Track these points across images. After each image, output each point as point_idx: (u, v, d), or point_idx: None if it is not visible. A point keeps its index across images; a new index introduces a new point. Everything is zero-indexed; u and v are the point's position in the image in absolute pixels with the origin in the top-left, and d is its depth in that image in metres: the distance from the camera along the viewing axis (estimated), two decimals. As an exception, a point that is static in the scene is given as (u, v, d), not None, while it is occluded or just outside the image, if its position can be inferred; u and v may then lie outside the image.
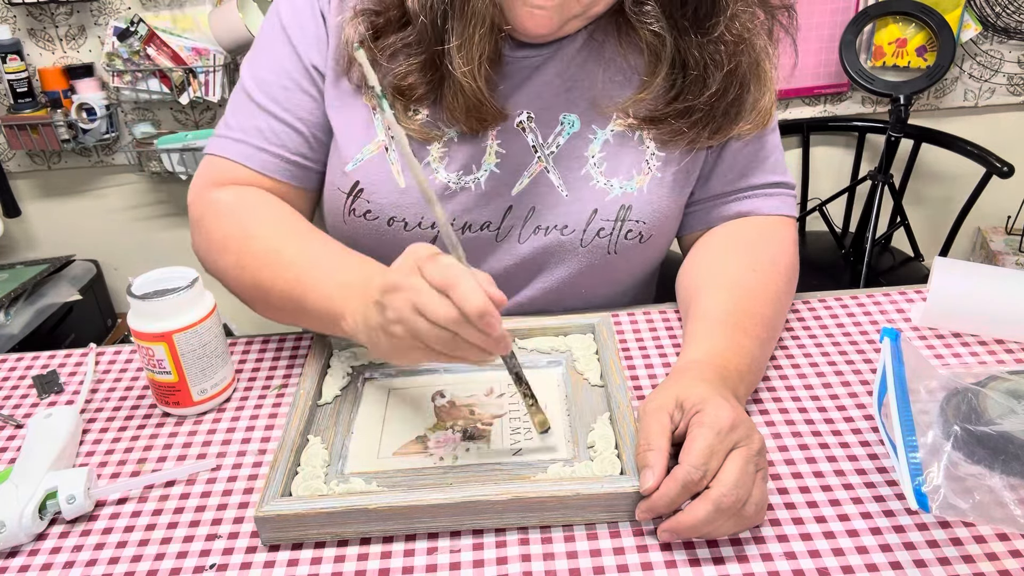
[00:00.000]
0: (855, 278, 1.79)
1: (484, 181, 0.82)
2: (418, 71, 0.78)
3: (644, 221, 0.83)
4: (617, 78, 0.82)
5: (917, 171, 1.98)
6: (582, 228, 0.82)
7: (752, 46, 0.79)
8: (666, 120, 0.81)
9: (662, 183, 0.83)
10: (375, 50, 0.78)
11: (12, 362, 0.86)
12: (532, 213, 0.83)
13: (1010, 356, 0.78)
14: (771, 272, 0.79)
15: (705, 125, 0.81)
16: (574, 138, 0.82)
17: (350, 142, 0.82)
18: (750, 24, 0.78)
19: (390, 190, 0.81)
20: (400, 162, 0.81)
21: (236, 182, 0.83)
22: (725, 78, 0.78)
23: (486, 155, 0.81)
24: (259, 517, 0.60)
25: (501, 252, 0.84)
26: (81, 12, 1.88)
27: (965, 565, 0.56)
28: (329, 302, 0.69)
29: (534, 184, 0.82)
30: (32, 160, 2.05)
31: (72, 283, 1.96)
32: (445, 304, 0.57)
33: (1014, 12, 1.88)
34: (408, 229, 0.82)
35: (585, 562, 0.58)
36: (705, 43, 0.77)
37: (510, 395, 0.74)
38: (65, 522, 0.64)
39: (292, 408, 0.71)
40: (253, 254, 0.77)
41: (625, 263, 0.85)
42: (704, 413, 0.59)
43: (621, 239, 0.83)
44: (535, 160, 0.82)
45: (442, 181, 0.81)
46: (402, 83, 0.79)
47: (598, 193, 0.82)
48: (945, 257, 0.90)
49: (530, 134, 0.82)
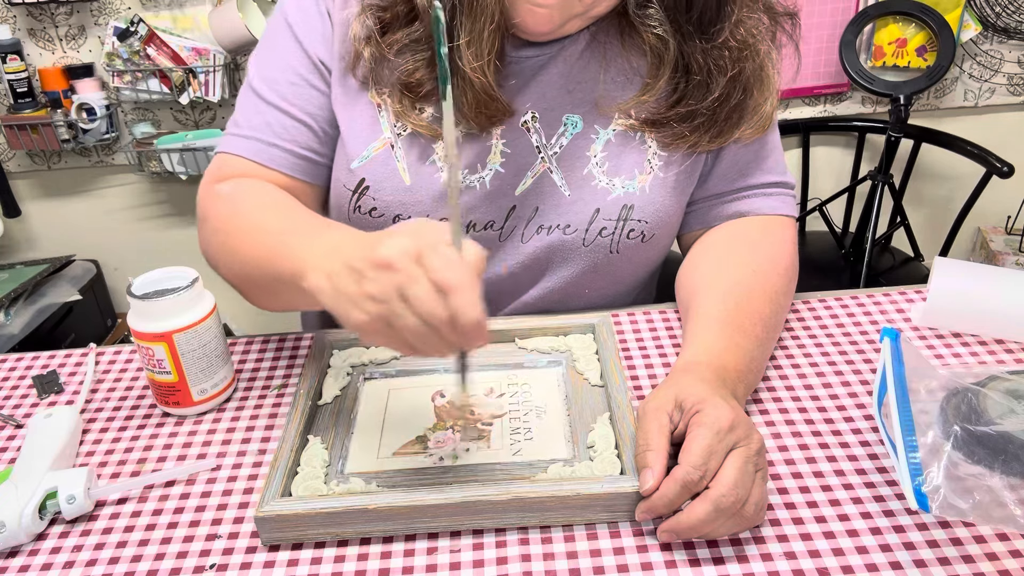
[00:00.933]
0: (855, 278, 1.79)
1: (489, 180, 0.82)
2: (425, 67, 0.78)
3: (646, 220, 0.83)
4: (619, 79, 0.82)
5: (917, 171, 1.98)
6: (584, 227, 0.82)
7: (756, 52, 0.78)
8: (668, 123, 0.81)
9: (664, 183, 0.83)
10: (382, 45, 0.78)
11: (12, 362, 0.86)
12: (535, 213, 0.83)
13: (1010, 356, 0.78)
14: (771, 272, 0.79)
15: (707, 129, 0.80)
16: (577, 138, 0.82)
17: (356, 140, 0.82)
18: (755, 30, 0.78)
19: (396, 187, 0.81)
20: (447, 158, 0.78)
21: (245, 177, 0.83)
22: (728, 83, 0.78)
23: (491, 154, 0.82)
24: (259, 517, 0.60)
25: (504, 252, 0.84)
26: (81, 12, 1.88)
27: (965, 565, 0.56)
28: (293, 261, 0.65)
29: (537, 184, 0.82)
30: (32, 160, 2.05)
31: (72, 283, 1.96)
32: (439, 305, 0.53)
33: (1014, 12, 1.88)
34: None
35: (585, 562, 0.58)
36: (709, 48, 0.76)
37: (510, 395, 0.74)
38: (65, 522, 0.64)
39: (292, 408, 0.71)
40: (239, 232, 0.76)
41: (627, 262, 0.85)
42: (703, 413, 0.59)
43: (623, 238, 0.83)
44: (539, 160, 0.82)
45: (446, 179, 0.81)
46: (409, 79, 0.79)
47: (600, 193, 0.82)
48: (945, 257, 0.90)
49: (534, 134, 0.82)
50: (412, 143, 0.81)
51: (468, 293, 0.53)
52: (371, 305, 0.55)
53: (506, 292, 0.87)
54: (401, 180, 0.81)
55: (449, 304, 0.53)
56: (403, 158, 0.81)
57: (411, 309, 0.53)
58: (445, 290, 0.53)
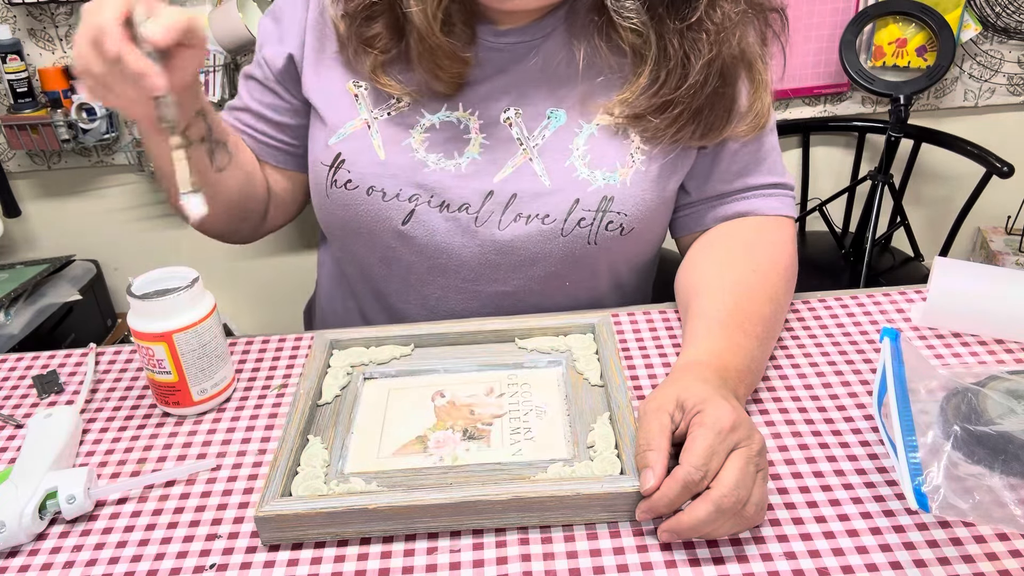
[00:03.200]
0: (855, 278, 1.78)
1: (465, 166, 0.83)
2: (384, 26, 0.82)
3: (626, 213, 0.83)
4: (599, 79, 0.83)
5: (917, 171, 1.98)
6: (563, 218, 0.82)
7: (733, 36, 0.78)
8: (645, 117, 0.81)
9: (646, 176, 0.83)
10: (348, 9, 0.83)
11: (12, 362, 0.86)
12: (513, 200, 0.83)
13: (1010, 356, 0.78)
14: (770, 272, 0.79)
15: (688, 122, 0.80)
16: (560, 131, 0.83)
17: (334, 118, 0.86)
18: (733, 14, 0.78)
19: (370, 160, 0.84)
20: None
21: None
22: (704, 68, 0.78)
23: (469, 146, 0.83)
24: (259, 517, 0.60)
25: (481, 238, 0.84)
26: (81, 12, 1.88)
27: (965, 565, 0.56)
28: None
29: (517, 173, 0.83)
30: (32, 160, 2.05)
31: (72, 283, 1.96)
32: (85, 27, 0.65)
33: (1014, 12, 1.88)
34: (386, 199, 0.84)
35: (585, 562, 0.58)
36: (684, 29, 0.77)
37: (510, 395, 0.74)
38: (65, 522, 0.64)
39: (292, 408, 0.71)
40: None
41: (606, 255, 0.85)
42: (705, 413, 0.59)
43: (602, 230, 0.83)
44: (520, 152, 0.83)
45: (420, 159, 0.83)
46: (367, 32, 0.82)
47: (580, 184, 0.82)
48: (945, 257, 0.90)
49: (515, 128, 0.83)
50: (389, 126, 0.84)
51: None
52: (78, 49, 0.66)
53: (485, 279, 0.87)
54: (376, 155, 0.84)
55: (87, 24, 0.64)
56: (378, 136, 0.84)
57: (80, 40, 0.65)
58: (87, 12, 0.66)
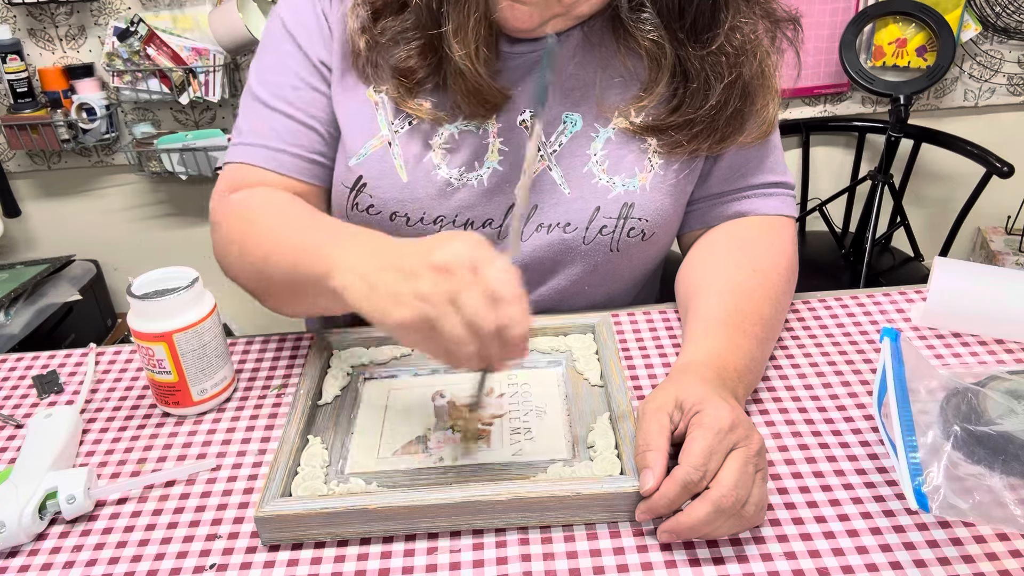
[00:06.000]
0: (855, 278, 1.78)
1: (487, 178, 0.82)
2: (418, 55, 0.79)
3: (646, 219, 0.83)
4: (617, 81, 0.82)
5: (917, 171, 1.98)
6: (584, 226, 0.82)
7: (754, 57, 0.78)
8: (667, 131, 0.81)
9: (664, 181, 0.83)
10: (374, 31, 0.79)
11: (12, 362, 0.86)
12: (535, 211, 0.83)
13: (1010, 356, 0.78)
14: (770, 272, 0.79)
15: (707, 137, 0.80)
16: (577, 136, 0.82)
17: (354, 137, 0.83)
18: (752, 36, 0.78)
19: (393, 184, 0.81)
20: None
21: (257, 185, 0.83)
22: (726, 90, 0.77)
23: (488, 152, 0.82)
24: (259, 517, 0.60)
25: (504, 251, 0.84)
26: (81, 12, 1.88)
27: (965, 565, 0.56)
28: (318, 261, 0.65)
29: (537, 182, 0.82)
30: (32, 160, 2.05)
31: (72, 283, 1.96)
32: (490, 313, 0.54)
33: (1014, 12, 1.88)
34: (411, 224, 0.82)
35: (585, 562, 0.58)
36: (705, 55, 0.76)
37: (510, 395, 0.74)
38: (65, 522, 0.64)
39: (292, 408, 0.71)
40: (254, 236, 0.76)
41: (627, 261, 0.85)
42: (704, 414, 0.59)
43: (624, 237, 0.83)
44: (538, 158, 0.82)
45: (444, 177, 0.81)
46: (402, 65, 0.79)
47: (600, 191, 0.82)
48: (945, 257, 0.90)
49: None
50: (410, 141, 0.82)
51: (519, 305, 0.55)
52: (419, 304, 0.56)
53: None
54: (398, 177, 0.81)
55: (499, 314, 0.54)
56: (400, 155, 0.81)
57: (460, 314, 0.55)
58: (498, 300, 0.54)
